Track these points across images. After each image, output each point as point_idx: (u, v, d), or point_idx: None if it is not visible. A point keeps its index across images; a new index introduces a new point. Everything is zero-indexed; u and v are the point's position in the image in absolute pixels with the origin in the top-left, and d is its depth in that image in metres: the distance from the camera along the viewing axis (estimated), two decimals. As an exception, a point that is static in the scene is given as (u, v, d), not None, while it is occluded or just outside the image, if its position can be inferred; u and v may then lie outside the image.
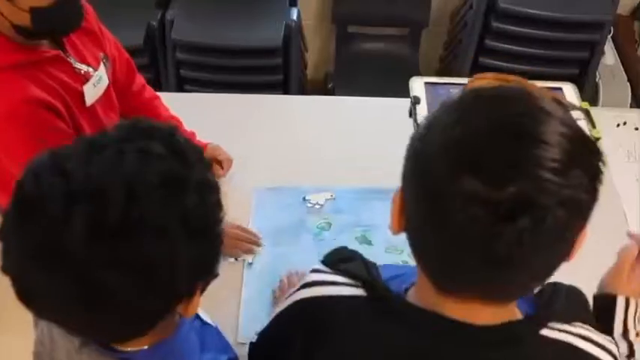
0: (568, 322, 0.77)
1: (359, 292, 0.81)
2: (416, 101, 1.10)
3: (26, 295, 0.68)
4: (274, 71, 2.65)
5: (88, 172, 0.64)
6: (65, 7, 1.23)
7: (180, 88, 2.70)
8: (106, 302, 0.66)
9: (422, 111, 1.09)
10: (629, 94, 2.72)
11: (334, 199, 1.67)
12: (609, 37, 2.76)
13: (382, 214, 1.64)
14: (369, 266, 0.86)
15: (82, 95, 1.37)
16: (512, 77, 0.66)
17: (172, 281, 0.68)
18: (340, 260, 0.88)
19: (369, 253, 1.50)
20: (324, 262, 0.90)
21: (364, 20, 2.96)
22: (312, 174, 1.73)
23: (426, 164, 0.65)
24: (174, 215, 0.66)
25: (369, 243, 1.57)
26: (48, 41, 1.31)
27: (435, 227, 0.65)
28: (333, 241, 1.57)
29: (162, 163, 0.67)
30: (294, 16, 2.63)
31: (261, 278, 1.49)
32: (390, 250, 1.55)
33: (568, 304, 0.82)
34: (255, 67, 2.66)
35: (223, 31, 2.61)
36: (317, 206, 1.65)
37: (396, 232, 0.74)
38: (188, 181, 0.68)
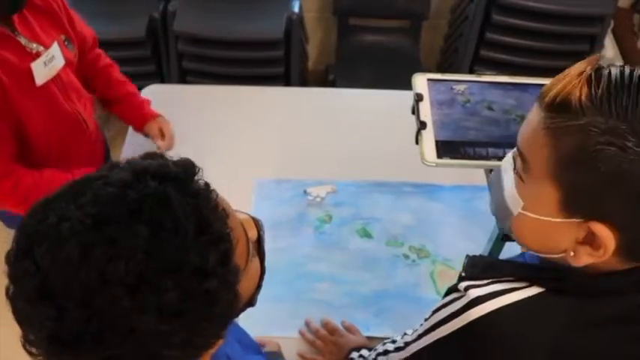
0: None
1: (530, 292, 0.76)
2: (419, 98, 1.11)
3: None
4: (276, 63, 2.66)
5: (49, 268, 0.56)
6: None
7: (182, 79, 2.71)
8: None
9: (425, 108, 1.09)
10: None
11: (335, 192, 1.68)
12: (609, 29, 2.77)
13: (383, 207, 1.67)
14: (520, 262, 0.84)
15: (30, 74, 1.33)
16: None
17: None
18: (485, 268, 0.82)
19: (369, 247, 1.55)
20: (468, 276, 0.83)
21: (365, 12, 2.96)
22: (313, 167, 1.74)
23: None
24: (149, 315, 0.57)
25: (370, 236, 1.58)
26: None
27: None
28: (334, 234, 1.59)
29: (134, 262, 0.56)
30: (296, 8, 2.63)
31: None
32: (391, 243, 1.56)
33: None
34: (256, 59, 2.67)
35: (225, 23, 2.61)
36: (318, 199, 1.66)
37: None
38: (165, 278, 0.57)
